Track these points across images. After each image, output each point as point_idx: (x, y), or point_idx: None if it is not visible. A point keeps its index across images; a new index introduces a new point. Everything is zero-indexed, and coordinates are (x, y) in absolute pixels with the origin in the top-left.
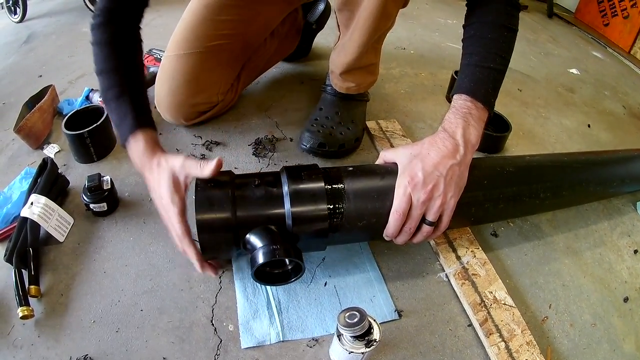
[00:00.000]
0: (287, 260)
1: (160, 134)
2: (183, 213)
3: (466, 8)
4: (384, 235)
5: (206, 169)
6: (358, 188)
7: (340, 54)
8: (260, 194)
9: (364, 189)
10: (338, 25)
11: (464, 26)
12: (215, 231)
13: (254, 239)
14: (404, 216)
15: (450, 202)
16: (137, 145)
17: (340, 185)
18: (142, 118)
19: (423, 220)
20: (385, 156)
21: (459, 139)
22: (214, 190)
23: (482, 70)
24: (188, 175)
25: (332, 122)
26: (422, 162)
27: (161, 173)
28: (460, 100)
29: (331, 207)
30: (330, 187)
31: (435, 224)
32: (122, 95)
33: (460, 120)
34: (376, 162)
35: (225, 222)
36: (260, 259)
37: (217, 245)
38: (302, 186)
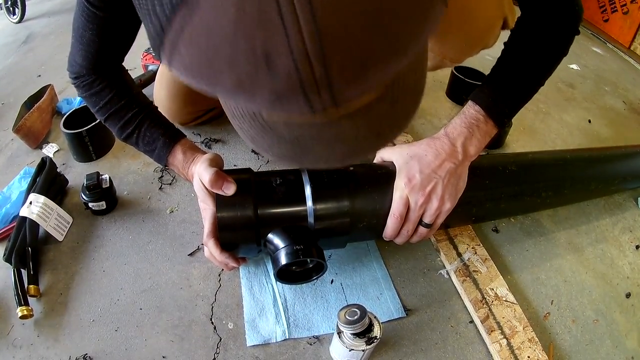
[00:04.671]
0: (308, 259)
1: None
2: (212, 215)
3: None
4: (383, 236)
5: (227, 192)
6: (360, 189)
7: None
8: (282, 192)
9: (365, 190)
10: None
11: (512, 30)
12: (236, 229)
13: (276, 239)
14: (402, 219)
15: (446, 205)
16: (176, 162)
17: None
18: (170, 134)
19: (420, 222)
20: (383, 155)
21: (458, 147)
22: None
23: (509, 88)
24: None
25: None
26: (420, 164)
27: (194, 178)
28: (473, 110)
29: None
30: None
31: (431, 226)
32: (141, 124)
33: (465, 129)
34: (374, 161)
35: (246, 220)
36: (283, 259)
37: (238, 244)
38: (323, 183)
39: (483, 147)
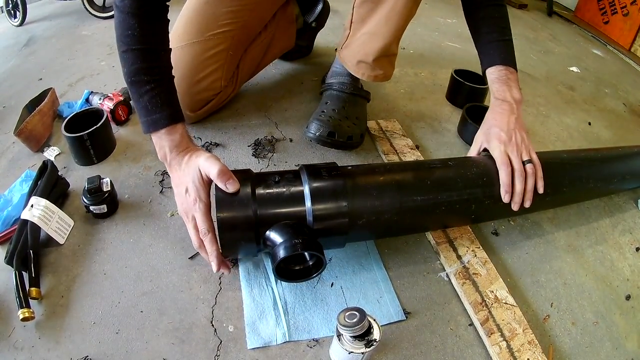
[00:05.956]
0: (307, 255)
1: None
2: (208, 210)
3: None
4: (502, 196)
5: (230, 188)
6: (358, 186)
7: (371, 41)
8: (280, 192)
9: (364, 187)
10: (351, 22)
11: (468, 13)
12: (237, 229)
13: (275, 235)
14: (509, 166)
15: (529, 142)
16: (171, 138)
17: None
18: (178, 111)
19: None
20: (473, 151)
21: (510, 100)
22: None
23: (504, 43)
24: (209, 174)
25: (339, 115)
26: (498, 127)
27: (189, 169)
28: (498, 71)
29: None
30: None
31: (532, 162)
32: (158, 83)
33: (504, 86)
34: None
35: (246, 220)
36: (282, 253)
37: (238, 243)
38: (322, 183)
39: (520, 90)
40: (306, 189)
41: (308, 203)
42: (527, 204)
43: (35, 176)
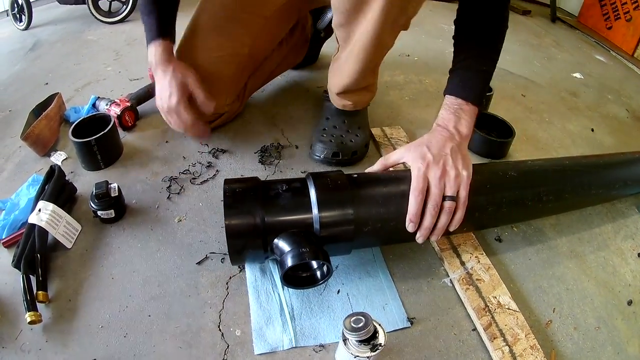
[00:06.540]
0: (314, 263)
1: (166, 141)
2: (188, 106)
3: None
4: (407, 225)
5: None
6: (364, 193)
7: (337, 74)
8: (288, 200)
9: (370, 194)
10: (337, 40)
11: (455, 21)
12: (244, 236)
13: (282, 243)
14: (423, 193)
15: (463, 174)
16: (156, 51)
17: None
18: (164, 30)
19: (443, 198)
20: (391, 157)
21: (452, 129)
22: (242, 196)
23: (474, 73)
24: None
25: (340, 130)
26: (427, 146)
27: (173, 79)
28: (452, 100)
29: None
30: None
31: (455, 199)
32: (154, 10)
33: (452, 115)
34: (373, 168)
35: (253, 228)
36: (290, 262)
37: (246, 250)
38: (329, 191)
39: (473, 126)
40: (313, 197)
41: (315, 210)
42: (433, 239)
43: (43, 180)
